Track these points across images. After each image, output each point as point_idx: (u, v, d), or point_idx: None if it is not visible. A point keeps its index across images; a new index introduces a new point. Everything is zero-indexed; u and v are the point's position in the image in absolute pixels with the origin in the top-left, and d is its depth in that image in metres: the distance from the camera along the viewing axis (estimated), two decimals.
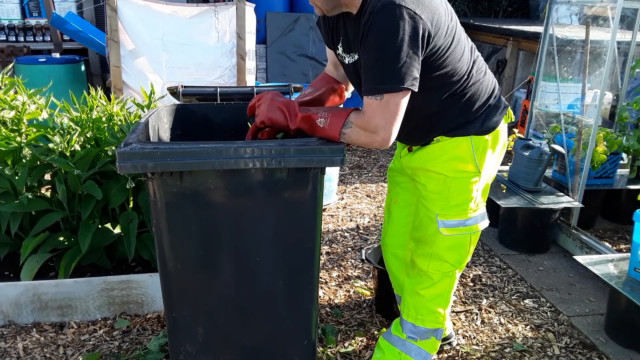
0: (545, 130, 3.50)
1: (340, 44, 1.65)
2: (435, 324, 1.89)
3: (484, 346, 2.28)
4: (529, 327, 2.42)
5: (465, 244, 1.80)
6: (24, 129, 2.42)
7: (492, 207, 2.94)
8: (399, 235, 2.06)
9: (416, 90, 1.45)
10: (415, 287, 1.87)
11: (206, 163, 1.42)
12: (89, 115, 2.43)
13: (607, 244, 3.13)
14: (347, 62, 1.65)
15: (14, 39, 5.96)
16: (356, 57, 1.58)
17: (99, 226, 2.40)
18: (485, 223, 1.81)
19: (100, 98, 2.59)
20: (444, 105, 1.64)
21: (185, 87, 2.40)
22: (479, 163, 1.70)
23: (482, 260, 3.04)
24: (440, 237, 1.76)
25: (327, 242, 3.22)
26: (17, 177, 2.29)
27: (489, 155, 1.72)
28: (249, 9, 3.86)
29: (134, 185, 2.30)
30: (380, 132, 1.46)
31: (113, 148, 2.30)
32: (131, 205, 2.41)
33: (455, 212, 1.73)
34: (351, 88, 1.93)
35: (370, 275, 2.83)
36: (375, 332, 2.34)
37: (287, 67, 6.01)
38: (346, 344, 2.26)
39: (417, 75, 1.44)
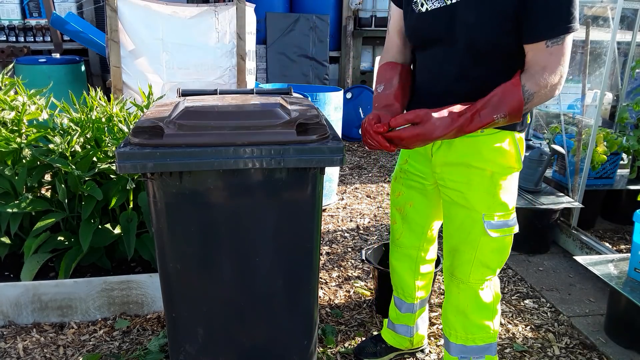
0: (546, 131, 3.50)
1: None
2: (487, 340, 1.71)
3: None
4: (529, 327, 2.42)
5: (508, 246, 1.65)
6: (24, 129, 2.42)
7: None
8: (416, 236, 1.92)
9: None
10: (458, 304, 1.70)
11: (206, 163, 1.42)
12: (89, 116, 2.43)
13: (607, 244, 3.13)
14: (425, 10, 1.48)
15: (14, 39, 5.96)
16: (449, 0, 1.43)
17: (99, 226, 2.40)
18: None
19: (100, 98, 2.59)
20: None
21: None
22: (519, 159, 1.60)
23: None
24: (484, 241, 1.59)
25: (327, 242, 3.22)
26: (17, 178, 2.29)
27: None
28: (249, 10, 3.86)
29: (134, 186, 2.30)
30: (562, 82, 1.34)
31: (113, 148, 2.30)
32: (131, 205, 2.42)
33: (502, 211, 1.59)
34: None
35: (370, 275, 2.84)
36: (375, 332, 2.34)
37: (287, 67, 6.01)
38: (346, 344, 2.26)
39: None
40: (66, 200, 2.34)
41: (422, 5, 1.49)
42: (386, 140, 1.41)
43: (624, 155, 3.53)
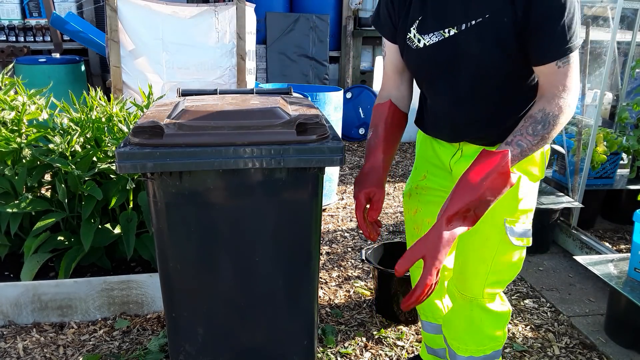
0: None
1: (415, 26, 1.45)
2: (497, 347, 1.66)
3: None
4: (529, 327, 2.42)
5: (522, 260, 1.57)
6: (24, 129, 2.42)
7: None
8: None
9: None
10: (472, 320, 1.61)
11: (206, 163, 1.42)
12: (89, 116, 2.43)
13: (607, 244, 3.13)
14: (423, 45, 1.44)
15: (14, 39, 5.96)
16: (452, 32, 1.39)
17: (99, 226, 2.40)
18: None
19: (100, 98, 2.59)
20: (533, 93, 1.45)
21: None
22: (543, 169, 1.55)
23: None
24: (503, 249, 1.51)
25: (327, 242, 3.22)
26: (17, 178, 2.29)
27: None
28: (249, 9, 3.86)
29: (134, 185, 2.30)
30: (575, 102, 1.32)
31: (113, 148, 2.30)
32: (131, 205, 2.42)
33: (524, 218, 1.53)
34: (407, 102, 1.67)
35: (370, 275, 2.84)
36: (375, 332, 2.34)
37: (287, 67, 6.01)
38: (346, 344, 2.26)
39: None
40: (66, 200, 2.34)
41: (418, 40, 1.45)
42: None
43: (624, 155, 3.53)
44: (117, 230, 2.43)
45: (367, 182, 1.48)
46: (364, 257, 2.43)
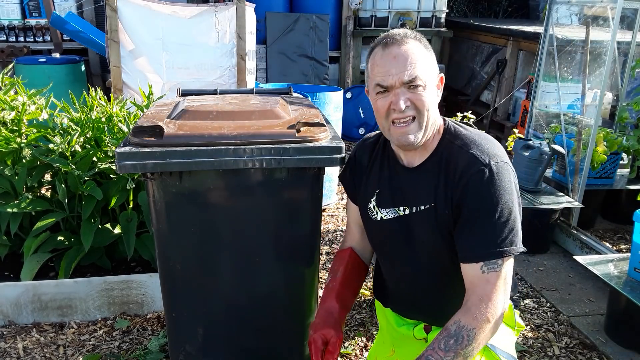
0: (546, 131, 3.50)
1: (374, 198, 1.45)
2: None
3: None
4: (529, 327, 2.42)
5: None
6: (24, 129, 2.42)
7: None
8: None
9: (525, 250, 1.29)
10: None
11: (206, 163, 1.42)
12: (89, 116, 2.43)
13: (607, 244, 3.13)
14: (380, 218, 1.43)
15: (14, 39, 5.96)
16: (407, 211, 1.37)
17: (99, 226, 2.40)
18: None
19: (100, 98, 2.59)
20: None
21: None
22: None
23: None
24: None
25: (327, 242, 3.22)
26: (17, 178, 2.29)
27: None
28: (249, 9, 3.86)
29: (134, 185, 2.30)
30: (503, 313, 1.23)
31: (113, 148, 2.30)
32: (131, 205, 2.41)
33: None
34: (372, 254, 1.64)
35: (370, 275, 2.83)
36: (375, 332, 2.34)
37: (287, 67, 6.01)
38: (346, 344, 2.26)
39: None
40: (66, 200, 2.34)
41: (377, 213, 1.44)
42: None
43: (624, 155, 3.53)
44: (117, 230, 2.42)
45: (323, 325, 1.40)
46: None
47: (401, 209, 1.39)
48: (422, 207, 1.34)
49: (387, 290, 1.60)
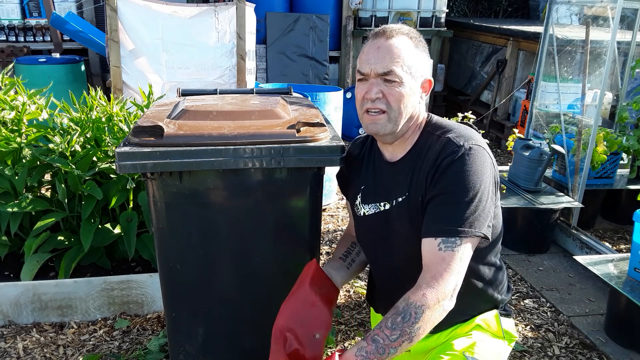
0: (546, 130, 3.50)
1: (360, 194, 1.48)
2: None
3: None
4: (529, 327, 2.42)
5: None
6: (24, 129, 2.42)
7: None
8: None
9: (489, 238, 1.26)
10: None
11: (206, 163, 1.42)
12: (89, 116, 2.43)
13: (607, 244, 3.13)
14: (362, 214, 1.45)
15: (14, 39, 5.96)
16: (387, 206, 1.38)
17: (99, 226, 2.40)
18: None
19: (100, 98, 2.59)
20: (489, 272, 1.42)
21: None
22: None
23: None
24: None
25: (327, 242, 3.22)
26: (17, 177, 2.29)
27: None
28: (249, 9, 3.86)
29: (134, 185, 2.30)
30: (454, 295, 1.21)
31: (113, 148, 2.30)
32: (131, 205, 2.42)
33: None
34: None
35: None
36: None
37: (287, 67, 6.01)
38: (346, 344, 2.26)
39: (490, 224, 1.27)
40: (66, 200, 2.34)
41: (362, 209, 1.46)
42: None
43: (624, 155, 3.53)
44: (117, 230, 2.43)
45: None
46: None
47: (382, 204, 1.41)
48: (400, 199, 1.36)
49: (375, 290, 1.61)
